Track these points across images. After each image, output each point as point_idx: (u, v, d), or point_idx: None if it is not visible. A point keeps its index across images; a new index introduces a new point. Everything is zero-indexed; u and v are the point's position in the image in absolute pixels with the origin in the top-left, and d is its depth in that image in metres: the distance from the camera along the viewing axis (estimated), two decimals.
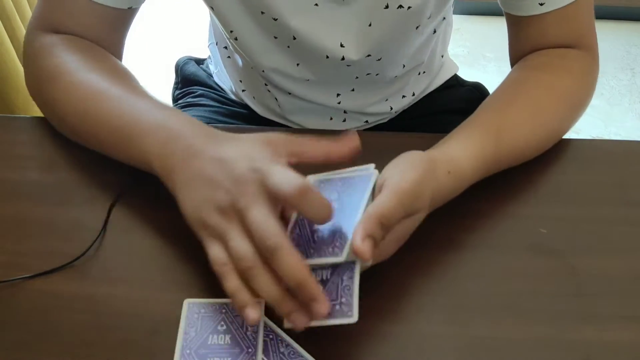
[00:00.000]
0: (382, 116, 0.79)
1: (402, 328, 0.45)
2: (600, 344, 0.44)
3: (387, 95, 0.75)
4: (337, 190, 0.44)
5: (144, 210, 0.53)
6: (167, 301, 0.46)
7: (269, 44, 0.65)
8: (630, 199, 0.56)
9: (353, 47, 0.63)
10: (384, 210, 0.40)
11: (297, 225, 0.43)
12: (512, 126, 0.55)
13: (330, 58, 0.64)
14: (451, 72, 0.86)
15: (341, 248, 0.40)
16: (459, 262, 0.50)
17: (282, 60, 0.66)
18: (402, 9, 0.60)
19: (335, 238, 0.41)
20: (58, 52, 0.58)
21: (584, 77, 0.62)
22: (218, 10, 0.63)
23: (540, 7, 0.59)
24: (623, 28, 2.31)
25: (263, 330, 0.43)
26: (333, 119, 0.76)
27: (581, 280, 0.48)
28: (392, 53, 0.67)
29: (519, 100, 0.57)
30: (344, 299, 0.39)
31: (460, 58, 2.09)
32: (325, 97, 0.72)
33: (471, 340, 0.44)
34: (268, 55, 0.66)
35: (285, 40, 0.63)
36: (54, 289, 0.46)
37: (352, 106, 0.74)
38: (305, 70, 0.68)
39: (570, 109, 0.60)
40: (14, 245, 0.50)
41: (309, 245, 0.41)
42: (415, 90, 0.79)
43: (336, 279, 0.41)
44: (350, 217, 0.41)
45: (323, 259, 0.40)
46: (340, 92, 0.72)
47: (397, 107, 0.78)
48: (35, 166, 0.57)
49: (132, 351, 0.43)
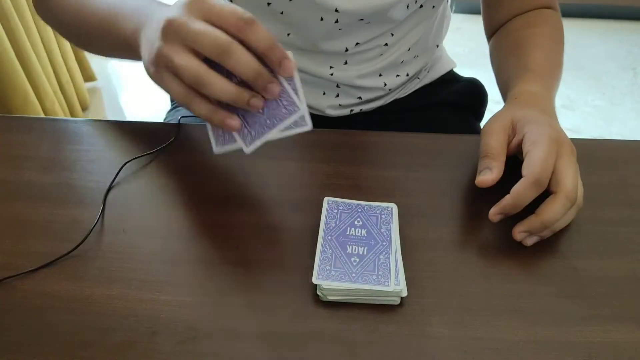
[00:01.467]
0: (376, 92, 0.78)
1: (403, 329, 0.45)
2: (603, 345, 0.44)
3: (380, 70, 0.75)
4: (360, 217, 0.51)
5: (143, 210, 0.53)
6: (166, 302, 0.46)
7: (261, 12, 0.65)
8: (632, 199, 0.56)
9: (347, 4, 0.64)
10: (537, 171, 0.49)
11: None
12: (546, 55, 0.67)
13: (324, 21, 0.65)
14: (448, 67, 0.86)
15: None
16: (460, 263, 0.49)
17: (273, 30, 0.66)
18: None
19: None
20: None
21: (561, 28, 0.74)
22: None
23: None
24: (625, 28, 2.31)
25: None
26: (326, 93, 0.76)
27: (583, 281, 0.48)
28: (386, 19, 0.68)
29: (536, 43, 0.68)
30: (286, 103, 0.47)
31: (461, 58, 2.08)
32: (317, 68, 0.72)
33: (473, 341, 0.44)
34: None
35: (280, 5, 0.64)
36: (52, 290, 0.46)
37: (345, 78, 0.74)
38: (296, 39, 0.68)
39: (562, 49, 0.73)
40: (12, 246, 0.50)
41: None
42: (409, 71, 0.79)
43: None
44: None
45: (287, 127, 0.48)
46: (333, 65, 0.72)
47: (391, 85, 0.78)
48: (33, 166, 0.57)
49: (131, 352, 0.43)
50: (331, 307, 0.46)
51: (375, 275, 0.46)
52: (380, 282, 0.45)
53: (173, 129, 0.61)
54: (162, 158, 0.58)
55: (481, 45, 2.24)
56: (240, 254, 0.50)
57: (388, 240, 0.49)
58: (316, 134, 0.63)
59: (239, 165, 0.58)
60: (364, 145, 0.60)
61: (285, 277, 0.48)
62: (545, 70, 0.65)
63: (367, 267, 0.46)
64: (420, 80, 0.83)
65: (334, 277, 0.45)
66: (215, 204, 0.54)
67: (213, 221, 0.52)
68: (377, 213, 0.51)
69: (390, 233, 0.50)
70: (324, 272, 0.46)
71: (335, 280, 0.45)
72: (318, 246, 0.48)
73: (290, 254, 0.49)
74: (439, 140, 0.61)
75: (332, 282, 0.45)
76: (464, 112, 0.85)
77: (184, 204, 0.54)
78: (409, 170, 0.58)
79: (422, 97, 0.83)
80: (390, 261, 0.47)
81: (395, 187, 0.56)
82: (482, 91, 0.88)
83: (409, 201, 0.54)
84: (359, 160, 0.59)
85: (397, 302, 0.46)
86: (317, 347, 0.43)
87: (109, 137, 0.61)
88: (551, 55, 0.68)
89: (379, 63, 0.74)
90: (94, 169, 0.56)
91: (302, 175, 0.57)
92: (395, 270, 0.47)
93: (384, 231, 0.50)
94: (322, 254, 0.47)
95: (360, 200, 0.52)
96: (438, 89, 0.84)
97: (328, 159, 0.59)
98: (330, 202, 0.52)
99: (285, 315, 0.45)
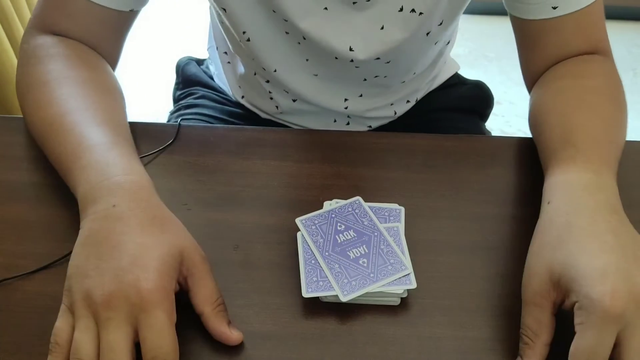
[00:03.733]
0: (385, 120, 0.79)
1: (403, 330, 0.45)
2: None
3: (392, 100, 0.75)
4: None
5: None
6: None
7: (281, 38, 0.64)
8: (632, 199, 0.55)
9: (362, 50, 0.63)
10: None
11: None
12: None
13: (339, 59, 0.64)
14: (452, 71, 0.86)
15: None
16: (460, 263, 0.49)
17: (292, 55, 0.66)
18: (414, 13, 0.59)
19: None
20: (47, 58, 0.57)
21: (618, 82, 0.58)
22: (231, 10, 0.62)
23: (553, 10, 0.56)
24: (624, 28, 2.31)
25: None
26: (337, 121, 0.76)
27: None
28: (402, 58, 0.66)
29: (589, 114, 0.52)
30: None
31: (462, 58, 2.09)
32: (332, 102, 0.72)
33: (473, 342, 0.44)
34: (279, 51, 0.66)
35: (296, 37, 0.63)
36: (53, 291, 0.46)
37: (358, 110, 0.74)
38: (314, 66, 0.68)
39: (624, 113, 0.56)
40: (12, 247, 0.50)
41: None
42: (419, 95, 0.79)
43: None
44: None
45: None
46: (348, 97, 0.71)
47: (401, 112, 0.78)
48: (32, 167, 0.57)
49: None
50: (331, 307, 0.46)
51: (389, 266, 0.46)
52: (397, 269, 0.46)
53: (173, 131, 0.61)
54: (162, 159, 0.58)
55: (481, 46, 2.25)
56: (240, 254, 0.50)
57: (377, 229, 0.49)
58: (316, 134, 0.63)
59: (239, 165, 0.58)
60: (363, 146, 0.60)
61: (285, 277, 0.48)
62: (596, 142, 0.48)
63: (377, 263, 0.46)
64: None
65: (356, 286, 0.45)
66: (215, 204, 0.54)
67: (213, 221, 0.52)
68: (349, 210, 0.51)
69: (373, 222, 0.49)
70: (346, 287, 0.45)
71: (358, 289, 0.45)
72: (324, 268, 0.46)
73: (290, 254, 0.49)
74: (439, 140, 0.61)
75: (357, 292, 0.44)
76: (469, 115, 0.85)
77: (184, 204, 0.54)
78: (409, 171, 0.58)
79: (428, 103, 0.82)
80: (392, 246, 0.47)
81: (395, 188, 0.56)
82: (488, 95, 0.87)
83: (408, 202, 0.54)
84: (359, 161, 0.59)
85: (397, 303, 0.46)
86: (317, 347, 0.43)
87: None
88: (605, 121, 0.52)
89: (393, 96, 0.74)
90: None
91: (302, 176, 0.57)
92: (402, 251, 0.47)
93: (367, 223, 0.49)
94: (332, 271, 0.46)
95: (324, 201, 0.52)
96: (443, 93, 0.84)
97: (328, 159, 0.59)
98: (304, 221, 0.50)
99: (285, 316, 0.45)
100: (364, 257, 0.47)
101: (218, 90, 0.85)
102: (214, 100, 0.83)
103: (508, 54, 2.08)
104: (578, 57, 0.59)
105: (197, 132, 0.62)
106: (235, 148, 0.60)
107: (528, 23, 0.59)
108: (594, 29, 0.59)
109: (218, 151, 0.59)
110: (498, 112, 1.86)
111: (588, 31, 0.58)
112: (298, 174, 0.57)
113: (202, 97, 0.84)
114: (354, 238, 0.48)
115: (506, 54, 2.13)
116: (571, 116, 0.52)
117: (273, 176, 0.57)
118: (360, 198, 0.52)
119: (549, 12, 0.56)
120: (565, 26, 0.57)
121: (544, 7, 0.56)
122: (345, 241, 0.48)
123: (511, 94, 1.99)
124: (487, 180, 0.57)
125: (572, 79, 0.57)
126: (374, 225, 0.49)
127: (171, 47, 2.18)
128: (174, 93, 0.90)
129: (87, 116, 0.51)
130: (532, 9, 0.57)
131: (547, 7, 0.56)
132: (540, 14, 0.57)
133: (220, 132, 0.62)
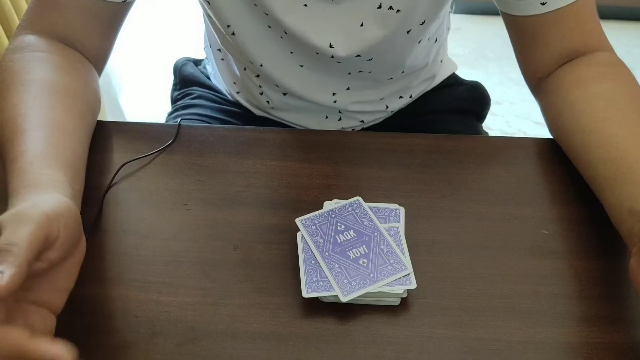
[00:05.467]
0: (378, 115, 0.78)
1: (403, 330, 0.45)
2: (603, 345, 0.44)
3: (383, 95, 0.75)
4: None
5: (142, 211, 0.53)
6: (166, 303, 0.46)
7: (264, 32, 0.64)
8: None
9: (342, 46, 0.63)
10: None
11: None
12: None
13: (320, 55, 0.64)
14: (449, 71, 0.85)
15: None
16: (460, 264, 0.49)
17: (277, 48, 0.66)
18: (392, 10, 0.60)
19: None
20: (22, 59, 0.55)
21: (631, 75, 0.57)
22: (215, 3, 0.62)
23: (542, 6, 0.56)
24: (624, 28, 2.31)
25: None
26: (329, 117, 0.76)
27: (583, 282, 0.48)
28: (384, 56, 0.66)
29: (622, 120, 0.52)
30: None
31: (461, 58, 2.09)
32: (321, 95, 0.72)
33: (473, 342, 0.44)
34: (263, 44, 0.66)
35: (278, 31, 0.64)
36: None
37: (347, 104, 0.74)
38: (299, 59, 0.68)
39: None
40: None
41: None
42: (413, 92, 0.79)
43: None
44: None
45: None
46: (336, 91, 0.72)
47: (394, 107, 0.78)
48: None
49: (131, 353, 0.43)
50: (331, 307, 0.46)
51: (389, 266, 0.46)
52: (397, 269, 0.46)
53: (172, 131, 0.61)
54: (162, 159, 0.58)
55: (481, 46, 2.25)
56: (240, 254, 0.50)
57: (377, 229, 0.49)
58: (316, 134, 0.63)
59: (239, 165, 0.58)
60: (363, 146, 0.60)
61: (285, 277, 0.48)
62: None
63: (377, 263, 0.46)
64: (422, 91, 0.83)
65: (356, 286, 0.45)
66: (215, 204, 0.54)
67: (213, 221, 0.52)
68: (349, 210, 0.51)
69: (373, 223, 0.49)
70: (346, 287, 0.45)
71: (358, 290, 0.45)
72: (324, 268, 0.46)
73: (290, 254, 0.49)
74: (439, 140, 0.61)
75: (357, 292, 0.45)
76: (466, 116, 0.85)
77: (184, 204, 0.54)
78: (409, 171, 0.58)
79: (425, 103, 0.82)
80: (392, 246, 0.47)
81: (395, 188, 0.56)
82: (485, 96, 0.87)
83: (408, 202, 0.54)
84: (359, 161, 0.59)
85: (397, 303, 0.46)
86: (317, 347, 0.43)
87: (109, 137, 0.61)
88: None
89: (383, 91, 0.74)
90: (93, 169, 0.56)
91: (302, 176, 0.57)
92: (402, 251, 0.47)
93: (367, 223, 0.50)
94: (332, 271, 0.46)
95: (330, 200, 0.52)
96: (441, 94, 0.84)
97: (328, 159, 0.59)
98: (304, 221, 0.50)
99: (285, 316, 0.45)
100: (364, 257, 0.47)
101: (215, 90, 0.85)
102: (211, 99, 0.83)
103: (508, 54, 2.07)
104: (587, 57, 0.58)
105: (197, 132, 0.62)
106: (235, 148, 0.60)
107: (523, 20, 0.59)
108: (593, 23, 0.59)
109: (218, 151, 0.59)
110: (498, 112, 1.86)
111: (587, 25, 0.58)
112: (298, 174, 0.57)
113: (198, 97, 0.84)
114: (354, 238, 0.48)
115: (506, 54, 2.13)
116: (616, 138, 0.50)
117: (273, 176, 0.57)
118: (360, 198, 0.52)
119: (538, 8, 0.57)
120: (561, 20, 0.57)
121: (533, 3, 0.57)
122: (345, 241, 0.48)
123: (511, 94, 1.99)
124: (486, 180, 0.57)
125: (591, 83, 0.56)
126: (374, 225, 0.49)
127: (169, 47, 2.18)
128: (172, 94, 0.90)
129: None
130: (521, 6, 0.58)
131: (536, 3, 0.57)
132: (530, 10, 0.57)
133: (220, 132, 0.62)
